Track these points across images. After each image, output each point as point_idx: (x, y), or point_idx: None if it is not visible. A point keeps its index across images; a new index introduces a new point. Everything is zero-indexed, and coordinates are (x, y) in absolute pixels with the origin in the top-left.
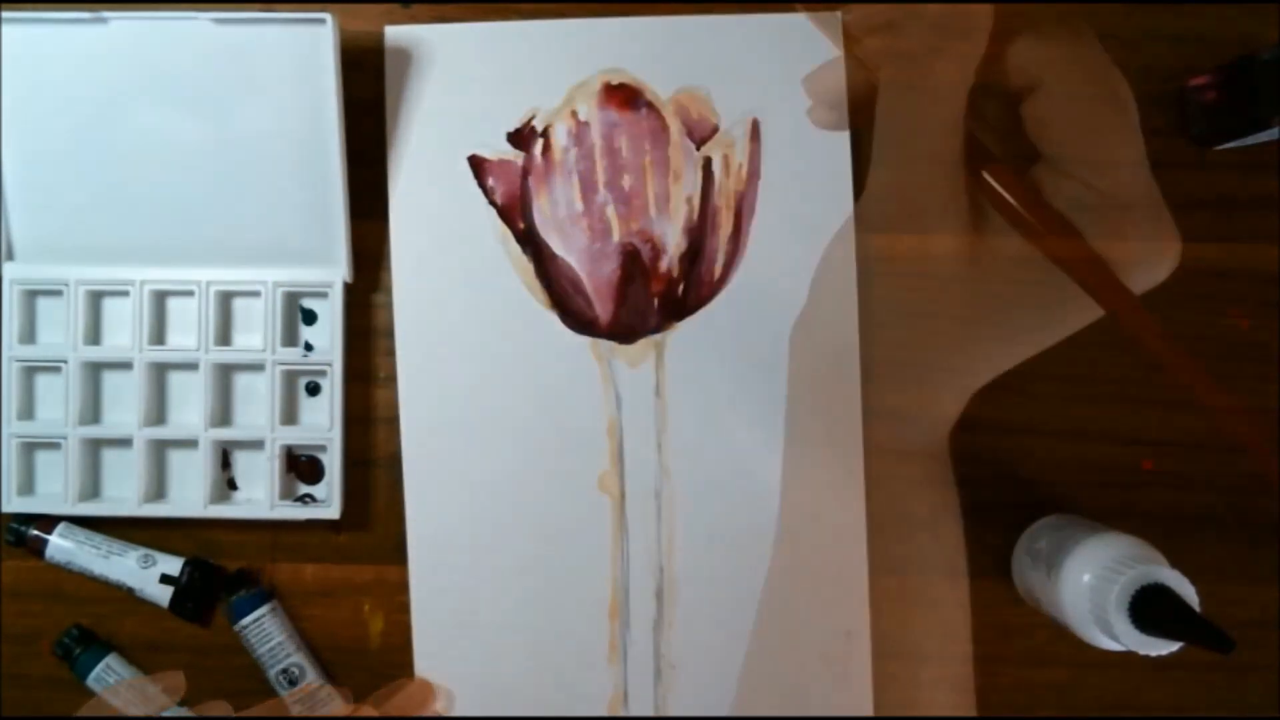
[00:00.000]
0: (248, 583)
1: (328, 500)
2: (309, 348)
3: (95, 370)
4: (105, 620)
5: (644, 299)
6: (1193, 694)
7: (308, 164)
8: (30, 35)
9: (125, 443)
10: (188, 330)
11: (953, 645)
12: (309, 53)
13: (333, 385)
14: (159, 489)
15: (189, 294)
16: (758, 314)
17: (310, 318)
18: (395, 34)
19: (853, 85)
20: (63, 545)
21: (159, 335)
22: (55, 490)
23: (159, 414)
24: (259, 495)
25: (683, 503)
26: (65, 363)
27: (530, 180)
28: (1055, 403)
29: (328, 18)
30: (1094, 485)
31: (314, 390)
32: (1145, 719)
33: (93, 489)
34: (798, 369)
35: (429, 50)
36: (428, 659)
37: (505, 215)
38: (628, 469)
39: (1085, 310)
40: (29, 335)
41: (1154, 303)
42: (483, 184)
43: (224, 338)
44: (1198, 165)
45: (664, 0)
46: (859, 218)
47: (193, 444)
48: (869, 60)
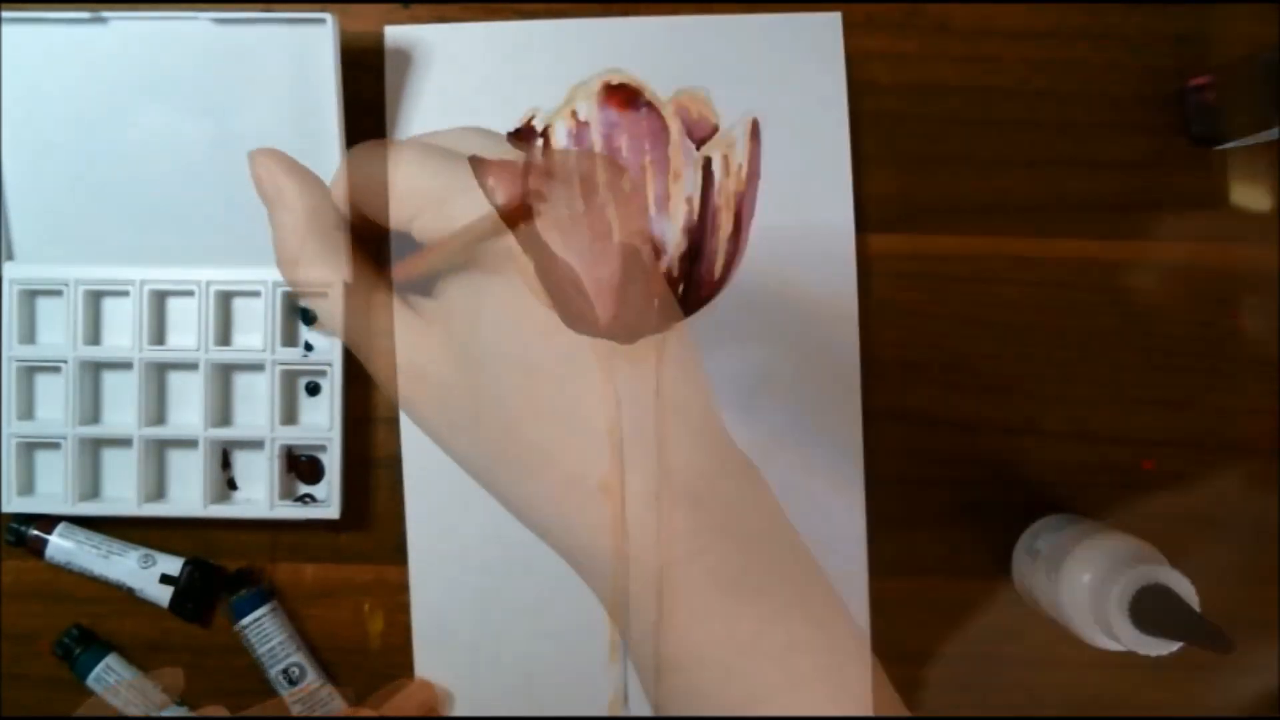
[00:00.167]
0: (248, 582)
1: (328, 500)
2: (309, 348)
3: (95, 370)
4: (105, 620)
5: (644, 299)
6: (1193, 694)
7: (308, 164)
8: (30, 35)
9: (125, 443)
10: (188, 330)
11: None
12: (309, 53)
13: (333, 385)
14: (159, 489)
15: (189, 294)
16: (758, 314)
17: (310, 318)
18: (395, 34)
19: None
20: (63, 545)
21: (159, 335)
22: (55, 490)
23: (159, 414)
24: (259, 495)
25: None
26: (65, 363)
27: (530, 180)
28: (1055, 403)
29: (328, 18)
30: (1094, 485)
31: (314, 390)
32: (1145, 719)
33: (92, 489)
34: (798, 369)
35: (429, 50)
36: (428, 659)
37: (505, 215)
38: (628, 469)
39: None
40: (29, 335)
41: (1154, 303)
42: (483, 184)
43: (224, 338)
44: (1198, 165)
45: (664, 0)
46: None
47: (192, 444)
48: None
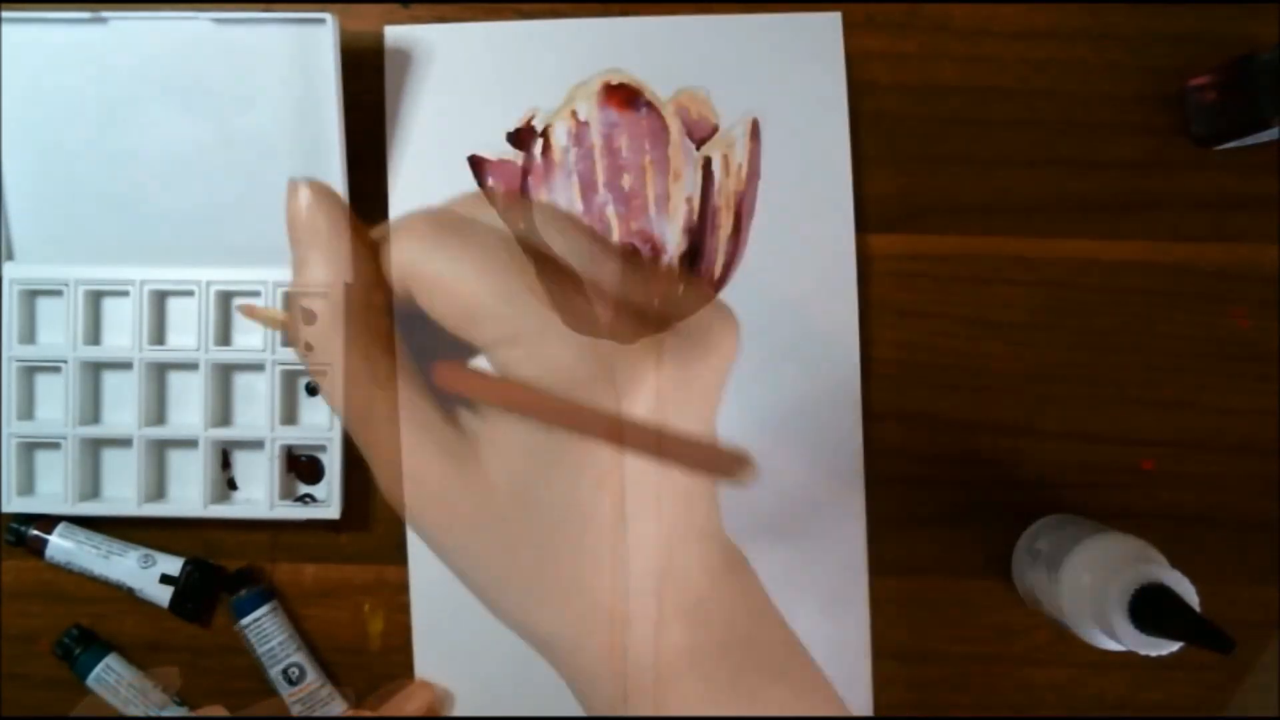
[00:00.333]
0: (248, 582)
1: (328, 500)
2: (309, 348)
3: (95, 370)
4: (105, 620)
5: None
6: (1193, 694)
7: (308, 164)
8: (30, 35)
9: (125, 443)
10: (188, 330)
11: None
12: (309, 53)
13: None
14: (159, 489)
15: (189, 294)
16: (758, 314)
17: (313, 388)
18: (395, 34)
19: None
20: (63, 545)
21: (159, 335)
22: (55, 490)
23: (159, 414)
24: (259, 495)
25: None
26: (65, 363)
27: (530, 180)
28: (1055, 403)
29: (328, 18)
30: (1094, 485)
31: (314, 390)
32: (1145, 719)
33: (93, 489)
34: (798, 369)
35: (429, 50)
36: (428, 659)
37: (505, 215)
38: (628, 469)
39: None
40: (29, 335)
41: (1154, 303)
42: (483, 184)
43: (224, 338)
44: (1198, 165)
45: (664, 0)
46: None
47: (193, 444)
48: None
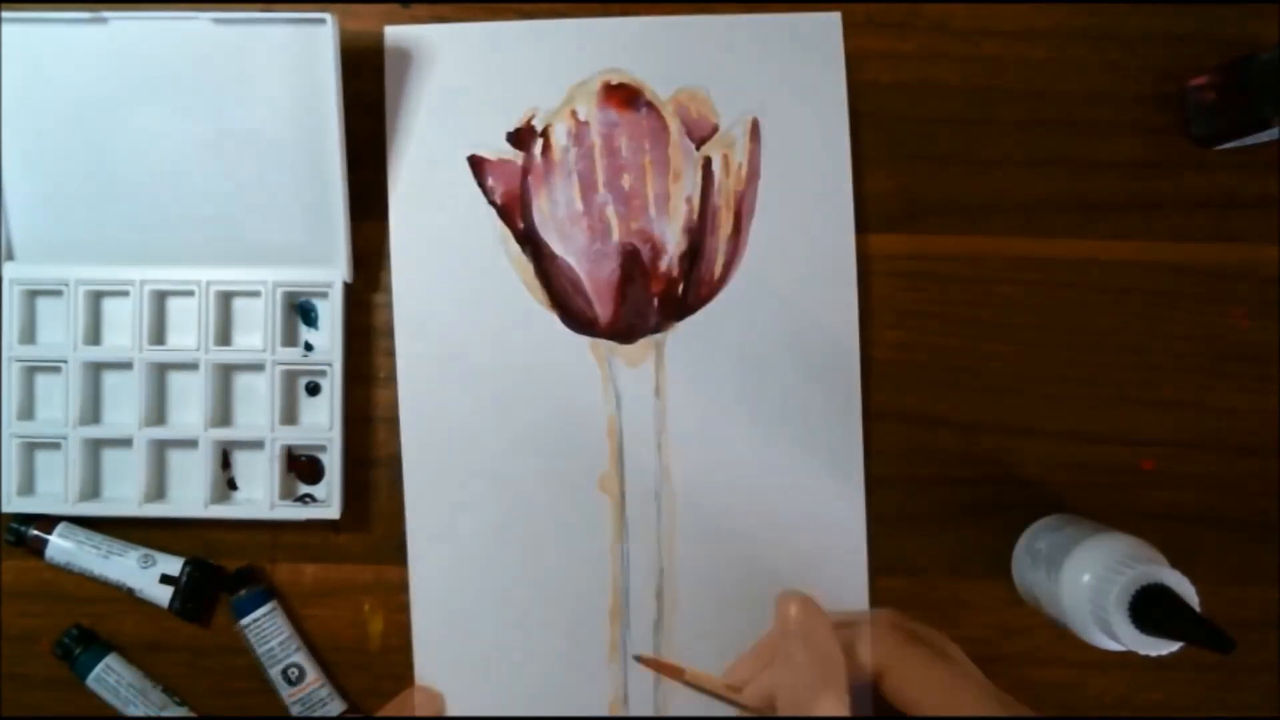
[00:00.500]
0: (248, 582)
1: (328, 500)
2: (309, 348)
3: (95, 370)
4: (105, 620)
5: (644, 299)
6: (1193, 694)
7: (308, 164)
8: (30, 35)
9: (125, 443)
10: (188, 330)
11: None
12: (309, 53)
13: (333, 385)
14: (159, 489)
15: (189, 294)
16: (758, 314)
17: (310, 318)
18: (395, 34)
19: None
20: (63, 545)
21: (159, 335)
22: (55, 490)
23: (159, 414)
24: (259, 495)
25: (683, 503)
26: (65, 363)
27: (530, 180)
28: (1055, 403)
29: (328, 18)
30: (1094, 485)
31: (314, 390)
32: (1145, 719)
33: (93, 489)
34: (798, 369)
35: (429, 50)
36: (428, 659)
37: (505, 215)
38: (627, 469)
39: None
40: (29, 335)
41: (1154, 303)
42: (482, 184)
43: (224, 338)
44: (1198, 165)
45: (664, 0)
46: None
47: (193, 444)
48: None
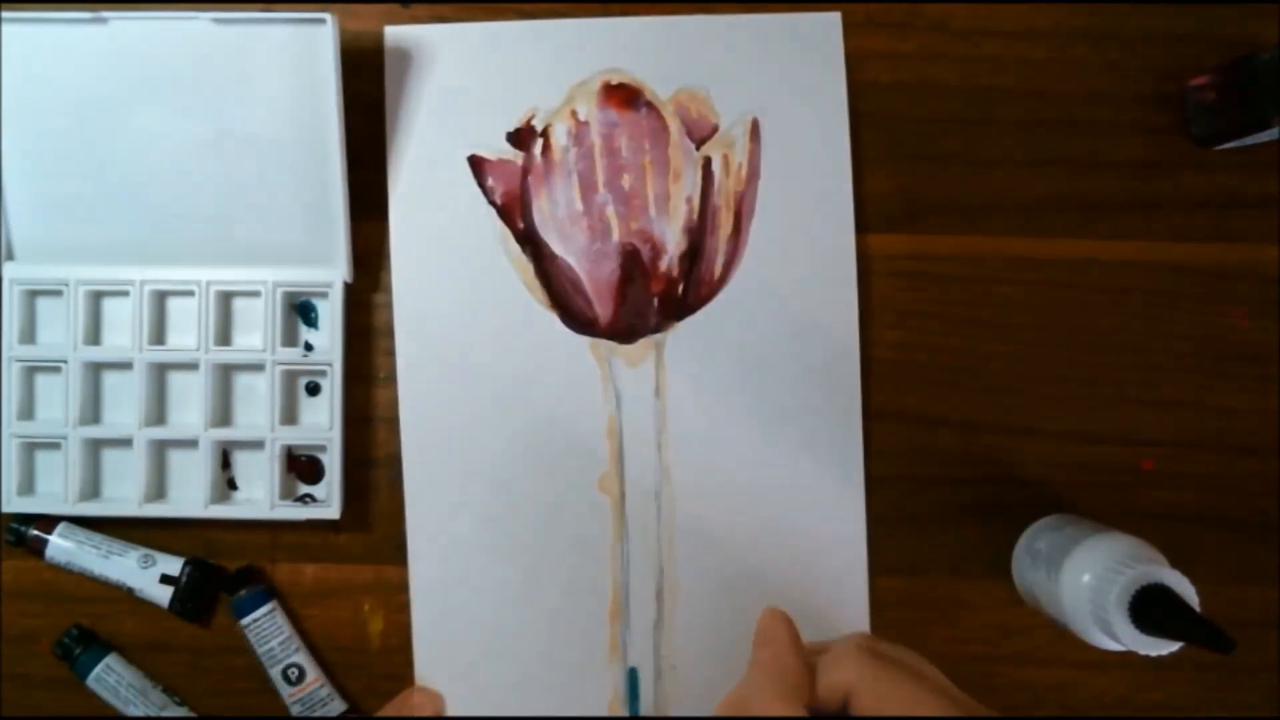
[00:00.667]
0: (248, 582)
1: (328, 500)
2: (309, 348)
3: (95, 370)
4: (105, 620)
5: (644, 299)
6: (1193, 694)
7: (308, 164)
8: (30, 35)
9: (125, 443)
10: (188, 330)
11: None
12: (309, 53)
13: (333, 385)
14: (159, 489)
15: (189, 294)
16: (758, 314)
17: (310, 318)
18: (395, 34)
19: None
20: (63, 545)
21: (159, 335)
22: (55, 490)
23: (159, 414)
24: (259, 495)
25: (683, 503)
26: (65, 363)
27: (530, 180)
28: (1055, 403)
29: (328, 18)
30: (1094, 485)
31: (314, 390)
32: (1145, 719)
33: (93, 489)
34: (798, 369)
35: (429, 50)
36: (428, 659)
37: (505, 215)
38: (627, 469)
39: None
40: (29, 335)
41: (1154, 303)
42: (482, 184)
43: (224, 338)
44: (1198, 165)
45: (664, 0)
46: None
47: (193, 444)
48: None
